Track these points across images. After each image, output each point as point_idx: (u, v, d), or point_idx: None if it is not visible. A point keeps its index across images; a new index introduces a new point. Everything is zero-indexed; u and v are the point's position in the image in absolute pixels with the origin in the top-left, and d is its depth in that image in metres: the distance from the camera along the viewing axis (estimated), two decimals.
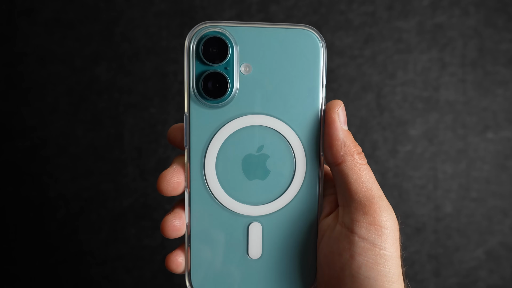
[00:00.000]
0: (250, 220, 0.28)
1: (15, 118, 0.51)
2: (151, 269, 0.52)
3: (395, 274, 0.26)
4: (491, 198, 0.52)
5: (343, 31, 0.52)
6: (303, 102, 0.28)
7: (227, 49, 0.27)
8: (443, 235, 0.52)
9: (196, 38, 0.27)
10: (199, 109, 0.27)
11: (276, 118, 0.28)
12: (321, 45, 0.27)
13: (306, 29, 0.27)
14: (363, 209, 0.26)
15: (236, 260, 0.29)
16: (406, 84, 0.52)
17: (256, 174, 0.28)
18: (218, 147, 0.28)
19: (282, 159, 0.28)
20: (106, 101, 0.52)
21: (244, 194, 0.28)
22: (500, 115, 0.52)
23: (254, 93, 0.28)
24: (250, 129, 0.28)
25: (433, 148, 0.52)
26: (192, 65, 0.27)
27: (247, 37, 0.27)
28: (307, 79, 0.27)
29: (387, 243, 0.26)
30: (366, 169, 0.27)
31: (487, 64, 0.52)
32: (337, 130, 0.27)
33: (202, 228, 0.28)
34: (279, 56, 0.27)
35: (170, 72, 0.52)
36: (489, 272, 0.52)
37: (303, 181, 0.28)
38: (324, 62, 0.27)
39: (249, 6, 0.52)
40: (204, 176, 0.28)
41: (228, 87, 0.27)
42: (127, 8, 0.52)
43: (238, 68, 0.27)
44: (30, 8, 0.52)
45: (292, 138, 0.28)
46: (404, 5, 0.52)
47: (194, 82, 0.27)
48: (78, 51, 0.52)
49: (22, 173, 0.52)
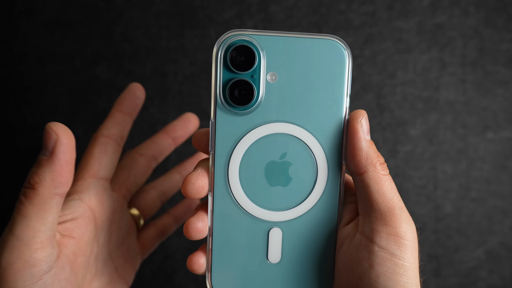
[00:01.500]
0: (271, 226, 0.29)
1: (15, 118, 0.52)
2: (151, 269, 0.52)
3: (413, 284, 0.26)
4: (491, 198, 0.52)
5: (343, 31, 0.52)
6: (327, 112, 0.28)
7: (254, 57, 0.27)
8: (443, 235, 0.52)
9: (224, 46, 0.27)
10: (224, 115, 0.28)
11: (300, 126, 0.28)
12: (347, 55, 0.27)
13: (332, 39, 0.27)
14: (384, 220, 0.26)
15: (256, 264, 0.29)
16: (406, 84, 0.52)
17: (278, 181, 0.28)
18: (242, 153, 0.28)
19: (304, 167, 0.28)
20: (106, 101, 0.52)
21: (266, 200, 0.29)
22: (500, 115, 0.52)
23: (279, 101, 0.28)
24: (274, 137, 0.28)
25: (433, 148, 0.52)
26: (219, 72, 0.27)
27: (274, 46, 0.27)
28: (332, 89, 0.28)
29: (406, 254, 0.26)
30: (388, 180, 0.27)
31: (487, 64, 0.52)
32: (360, 140, 0.27)
33: (224, 232, 0.29)
34: (305, 65, 0.27)
35: (170, 72, 0.52)
36: (489, 272, 0.52)
37: (324, 189, 0.29)
38: (350, 72, 0.28)
39: (249, 6, 0.52)
40: (228, 181, 0.28)
41: (254, 95, 0.27)
42: (127, 8, 0.52)
43: (264, 77, 0.27)
44: (30, 8, 0.52)
45: (314, 146, 0.28)
46: (404, 5, 0.52)
47: (221, 89, 0.27)
48: (78, 51, 0.52)
49: (22, 173, 0.52)
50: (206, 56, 0.52)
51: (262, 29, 0.52)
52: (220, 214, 0.29)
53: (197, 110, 0.52)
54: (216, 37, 0.52)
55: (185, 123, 0.36)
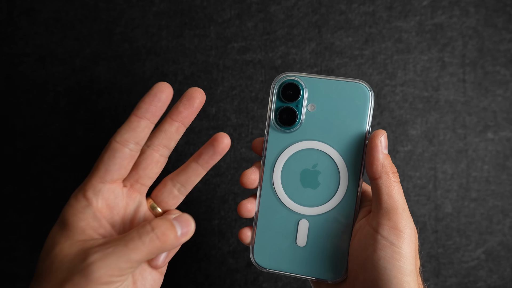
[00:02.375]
0: (301, 217, 0.37)
1: (15, 118, 0.52)
2: None
3: (407, 269, 0.32)
4: (491, 198, 0.52)
5: (343, 31, 0.52)
6: (351, 135, 0.36)
7: (299, 92, 0.36)
8: (443, 235, 0.52)
9: (278, 83, 0.37)
10: (274, 132, 0.37)
11: (329, 145, 0.37)
12: (370, 96, 0.36)
13: (360, 83, 0.36)
14: (388, 216, 0.33)
15: (287, 245, 0.37)
16: (406, 84, 0.52)
17: (309, 184, 0.37)
18: (285, 160, 0.37)
19: (330, 176, 0.37)
20: (106, 101, 0.52)
21: (299, 197, 0.37)
22: (500, 115, 0.52)
23: (315, 125, 0.37)
24: (309, 151, 0.37)
25: (433, 148, 0.52)
26: (273, 101, 0.37)
27: (315, 85, 0.37)
28: (357, 120, 0.36)
29: (403, 244, 0.33)
30: (397, 186, 0.34)
31: (487, 64, 0.52)
32: (378, 152, 0.35)
33: (266, 217, 0.38)
34: (337, 100, 0.36)
35: (170, 72, 0.52)
36: (489, 272, 0.52)
37: (344, 195, 0.37)
38: (372, 108, 0.36)
39: (249, 6, 0.52)
40: (272, 179, 0.38)
41: (297, 119, 0.37)
42: (127, 8, 0.52)
43: (305, 106, 0.37)
44: (30, 8, 0.52)
45: (339, 161, 0.37)
46: (404, 5, 0.52)
47: (274, 113, 0.37)
48: (78, 51, 0.52)
49: (22, 173, 0.52)
50: (206, 56, 0.52)
51: (262, 29, 0.52)
52: (264, 203, 0.38)
53: None
54: (216, 37, 0.52)
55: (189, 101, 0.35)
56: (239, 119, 0.52)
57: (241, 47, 0.52)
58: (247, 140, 0.52)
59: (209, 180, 0.52)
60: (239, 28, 0.52)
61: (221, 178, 0.52)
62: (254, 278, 0.52)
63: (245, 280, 0.52)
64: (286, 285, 0.52)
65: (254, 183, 0.37)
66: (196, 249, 0.52)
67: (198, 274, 0.52)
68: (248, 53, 0.52)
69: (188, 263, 0.52)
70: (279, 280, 0.52)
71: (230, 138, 0.36)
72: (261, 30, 0.52)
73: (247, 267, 0.52)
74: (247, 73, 0.52)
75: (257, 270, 0.52)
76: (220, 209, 0.52)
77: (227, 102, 0.52)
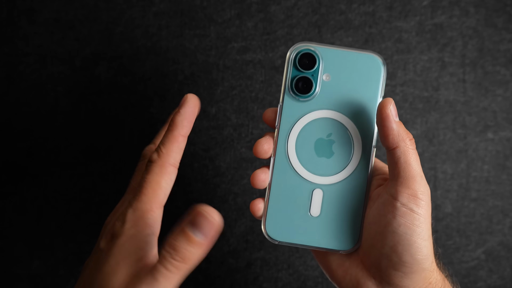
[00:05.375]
0: (315, 187, 0.37)
1: (15, 118, 0.52)
2: None
3: (426, 234, 0.33)
4: (491, 198, 0.52)
5: (343, 31, 0.52)
6: (364, 105, 0.37)
7: (315, 61, 0.37)
8: (443, 235, 0.52)
9: (294, 52, 0.37)
10: (290, 101, 0.37)
11: (344, 114, 0.37)
12: (383, 66, 0.37)
13: (373, 54, 0.37)
14: (407, 184, 0.34)
15: (301, 215, 0.37)
16: (406, 84, 0.52)
17: (323, 153, 0.37)
18: (299, 130, 0.37)
19: (344, 145, 0.37)
20: (106, 101, 0.52)
21: (313, 167, 0.37)
22: (500, 115, 0.52)
23: (330, 95, 0.37)
24: (324, 120, 0.37)
25: (433, 148, 0.52)
26: (289, 70, 0.37)
27: (330, 55, 0.37)
28: (370, 89, 0.37)
29: (422, 210, 0.33)
30: (414, 154, 0.34)
31: (487, 64, 0.52)
32: (391, 122, 0.34)
33: (279, 187, 0.37)
34: (351, 71, 0.37)
35: (170, 72, 0.52)
36: (489, 272, 0.52)
37: (358, 164, 0.37)
38: (384, 79, 0.37)
39: (249, 6, 0.52)
40: (287, 148, 0.37)
41: (313, 88, 0.37)
42: (127, 8, 0.52)
43: (321, 76, 0.37)
44: (30, 8, 0.52)
45: (353, 130, 0.37)
46: (404, 5, 0.52)
47: (289, 82, 0.37)
48: (78, 51, 0.52)
49: (22, 173, 0.52)
50: (206, 56, 0.52)
51: (262, 29, 0.52)
52: (278, 173, 0.37)
53: None
54: (216, 37, 0.52)
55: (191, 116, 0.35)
56: (239, 119, 0.52)
57: (241, 47, 0.52)
58: (247, 140, 0.52)
59: (209, 180, 0.52)
60: (239, 28, 0.52)
61: (221, 178, 0.52)
62: (254, 278, 0.52)
63: (245, 280, 0.52)
64: (286, 285, 0.52)
65: (268, 153, 0.37)
66: None
67: (198, 274, 0.52)
68: (248, 53, 0.52)
69: None
70: (279, 280, 0.52)
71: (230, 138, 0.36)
72: (261, 30, 0.52)
73: (247, 267, 0.52)
74: (247, 73, 0.52)
75: (257, 270, 0.52)
76: (220, 209, 0.52)
77: (227, 102, 0.52)
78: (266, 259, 0.52)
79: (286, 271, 0.52)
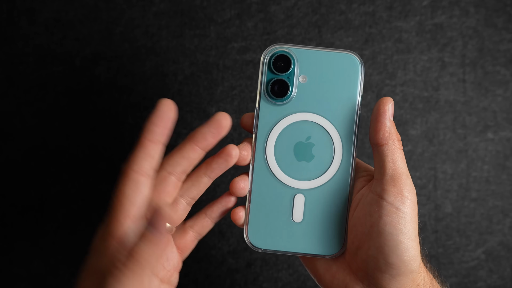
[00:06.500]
0: (296, 192, 0.36)
1: (15, 118, 0.52)
2: None
3: (412, 234, 0.33)
4: (491, 198, 0.52)
5: (343, 31, 0.52)
6: (343, 106, 0.36)
7: (290, 63, 0.36)
8: (443, 235, 0.52)
9: (269, 54, 0.36)
10: (266, 105, 0.36)
11: (322, 116, 0.36)
12: (360, 66, 0.36)
13: (350, 53, 0.36)
14: (393, 182, 0.33)
15: (283, 222, 0.36)
16: (406, 84, 0.52)
17: (303, 157, 0.36)
18: (277, 134, 0.36)
19: (324, 148, 0.36)
20: (106, 101, 0.52)
21: (293, 171, 0.36)
22: (500, 115, 0.52)
23: (307, 97, 0.36)
24: (302, 123, 0.36)
25: (433, 148, 0.52)
26: (264, 73, 0.36)
27: (306, 56, 0.36)
28: (348, 90, 0.36)
29: (408, 209, 0.33)
30: (401, 153, 0.34)
31: (487, 64, 0.52)
32: (385, 118, 0.34)
33: (260, 194, 0.36)
34: (328, 71, 0.36)
35: (170, 72, 0.52)
36: (489, 272, 0.52)
37: (339, 166, 0.36)
38: (362, 79, 0.36)
39: (249, 6, 0.52)
40: (265, 154, 0.36)
41: (289, 91, 0.36)
42: (127, 8, 0.52)
43: (297, 78, 0.36)
44: (30, 8, 0.52)
45: (333, 132, 0.36)
46: (404, 5, 0.52)
47: (265, 85, 0.36)
48: (78, 51, 0.52)
49: (22, 173, 0.52)
50: (206, 56, 0.52)
51: (262, 29, 0.52)
52: (257, 180, 0.36)
53: (196, 110, 0.52)
54: (216, 37, 0.52)
55: (218, 130, 0.34)
56: (239, 119, 0.52)
57: (241, 47, 0.52)
58: None
59: None
60: (239, 28, 0.52)
61: (221, 178, 0.52)
62: (254, 278, 0.52)
63: (245, 280, 0.52)
64: (286, 285, 0.52)
65: (246, 160, 0.36)
66: (196, 249, 0.52)
67: (198, 274, 0.52)
68: (248, 53, 0.52)
69: (188, 263, 0.52)
70: (279, 280, 0.52)
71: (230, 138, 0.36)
72: (261, 30, 0.52)
73: (247, 267, 0.52)
74: (247, 73, 0.52)
75: (257, 270, 0.52)
76: None
77: (227, 102, 0.52)
78: (266, 259, 0.52)
79: (286, 271, 0.52)
